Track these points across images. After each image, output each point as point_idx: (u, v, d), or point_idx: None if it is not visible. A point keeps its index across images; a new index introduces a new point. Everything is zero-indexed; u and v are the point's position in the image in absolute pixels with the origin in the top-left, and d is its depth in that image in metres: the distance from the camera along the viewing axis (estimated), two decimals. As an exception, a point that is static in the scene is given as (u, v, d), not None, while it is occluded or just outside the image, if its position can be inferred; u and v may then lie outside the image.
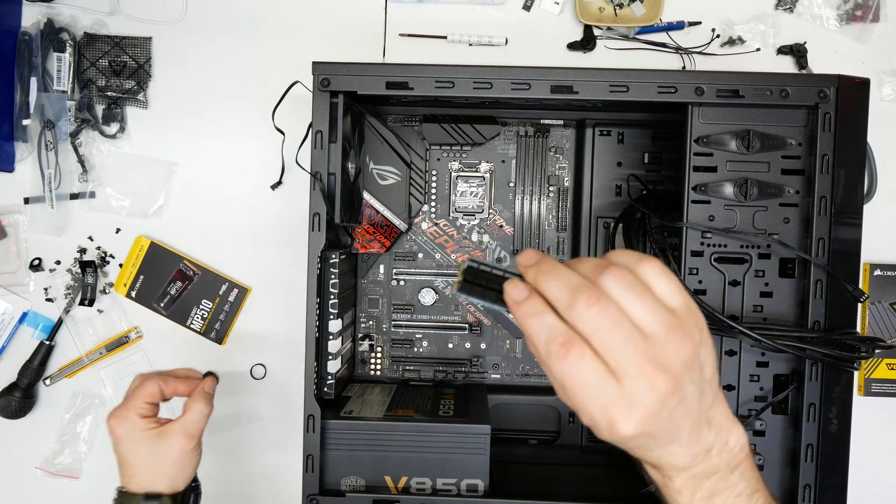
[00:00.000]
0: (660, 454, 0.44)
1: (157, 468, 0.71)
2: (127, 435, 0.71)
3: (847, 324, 0.71)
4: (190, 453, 0.72)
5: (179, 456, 0.71)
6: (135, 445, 0.71)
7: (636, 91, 0.72)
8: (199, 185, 0.93)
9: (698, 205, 0.73)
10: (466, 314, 0.90)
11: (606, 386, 0.40)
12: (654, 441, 0.42)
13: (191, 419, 0.72)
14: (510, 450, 0.87)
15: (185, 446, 0.71)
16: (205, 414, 0.73)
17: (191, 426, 0.72)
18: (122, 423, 0.71)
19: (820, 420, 0.71)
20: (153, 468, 0.71)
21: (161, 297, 0.92)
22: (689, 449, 0.44)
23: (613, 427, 0.40)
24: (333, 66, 0.72)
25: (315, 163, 0.73)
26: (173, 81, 0.93)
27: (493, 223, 0.89)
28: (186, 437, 0.71)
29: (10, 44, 0.91)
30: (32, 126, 0.91)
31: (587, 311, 0.40)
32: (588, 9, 0.90)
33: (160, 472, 0.71)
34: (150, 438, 0.71)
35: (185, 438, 0.71)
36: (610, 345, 0.39)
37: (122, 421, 0.71)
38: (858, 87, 0.71)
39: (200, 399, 0.73)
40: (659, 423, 0.41)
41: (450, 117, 0.87)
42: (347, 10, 0.92)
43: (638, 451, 0.44)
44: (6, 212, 0.92)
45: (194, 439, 0.72)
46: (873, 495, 0.91)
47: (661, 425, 0.41)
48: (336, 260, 0.75)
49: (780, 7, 0.91)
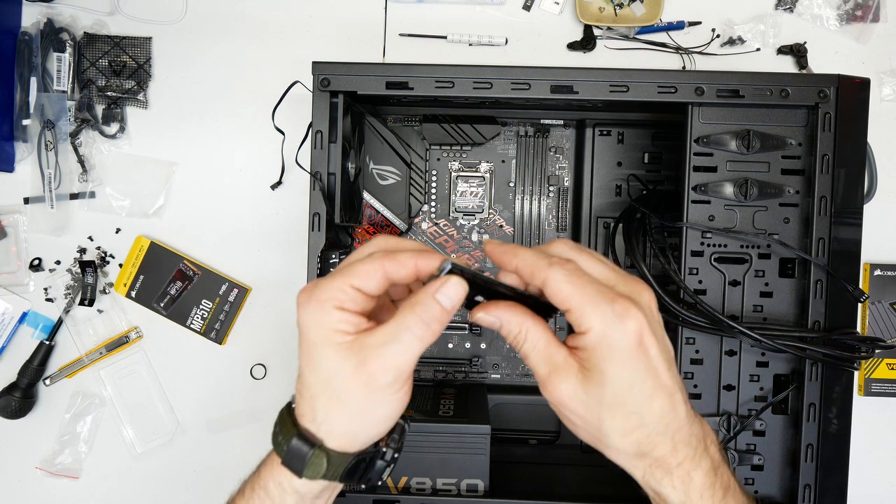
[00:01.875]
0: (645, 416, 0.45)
1: (329, 396, 0.45)
2: (313, 328, 0.44)
3: (847, 324, 0.71)
4: (383, 394, 0.45)
5: (365, 388, 0.44)
6: (316, 352, 0.45)
7: (636, 91, 0.72)
8: (199, 185, 0.93)
9: (698, 205, 0.73)
10: (466, 314, 0.90)
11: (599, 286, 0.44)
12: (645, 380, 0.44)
13: (393, 342, 0.43)
14: (510, 450, 0.87)
15: (376, 378, 0.44)
16: (417, 336, 0.44)
17: (392, 354, 0.44)
18: (310, 306, 0.44)
19: (820, 420, 0.71)
20: (324, 395, 0.45)
21: (161, 297, 0.92)
22: (670, 420, 0.46)
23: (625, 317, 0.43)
24: (333, 66, 0.72)
25: (315, 163, 0.73)
26: (173, 81, 0.93)
27: (493, 223, 0.89)
28: (384, 368, 0.43)
29: (10, 44, 0.91)
30: (32, 126, 0.91)
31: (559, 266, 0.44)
32: (588, 9, 0.90)
33: (332, 403, 0.45)
34: (336, 347, 0.44)
35: (382, 369, 0.43)
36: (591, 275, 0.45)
37: (312, 304, 0.44)
38: (858, 87, 0.71)
39: (416, 309, 0.44)
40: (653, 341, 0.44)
41: (450, 117, 0.87)
42: (347, 10, 0.92)
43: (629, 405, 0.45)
44: (6, 212, 0.92)
45: (395, 377, 0.44)
46: (873, 495, 0.91)
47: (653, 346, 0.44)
48: (336, 260, 0.75)
49: (780, 7, 0.91)
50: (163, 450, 0.93)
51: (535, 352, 0.46)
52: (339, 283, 0.44)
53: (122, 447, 0.93)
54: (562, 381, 0.45)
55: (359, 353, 0.43)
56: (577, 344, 0.45)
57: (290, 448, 0.46)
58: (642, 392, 0.44)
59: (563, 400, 0.45)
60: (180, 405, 0.93)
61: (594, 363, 0.44)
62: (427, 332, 0.44)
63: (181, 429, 0.93)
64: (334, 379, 0.44)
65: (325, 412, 0.45)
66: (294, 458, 0.46)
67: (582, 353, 0.45)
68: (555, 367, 0.45)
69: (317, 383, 0.45)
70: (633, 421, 0.45)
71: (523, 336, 0.46)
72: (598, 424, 0.45)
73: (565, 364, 0.45)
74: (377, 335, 0.44)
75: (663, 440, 0.46)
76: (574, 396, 0.45)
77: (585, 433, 0.46)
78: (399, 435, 0.49)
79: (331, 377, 0.44)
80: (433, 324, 0.44)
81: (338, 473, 0.46)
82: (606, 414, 0.44)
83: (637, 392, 0.44)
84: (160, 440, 0.93)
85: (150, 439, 0.93)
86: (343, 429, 0.46)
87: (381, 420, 0.46)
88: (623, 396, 0.44)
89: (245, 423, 0.93)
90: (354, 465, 0.47)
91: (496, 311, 0.46)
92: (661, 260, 0.74)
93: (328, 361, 0.44)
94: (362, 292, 0.45)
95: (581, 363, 0.45)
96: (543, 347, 0.45)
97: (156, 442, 0.93)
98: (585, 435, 0.47)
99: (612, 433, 0.45)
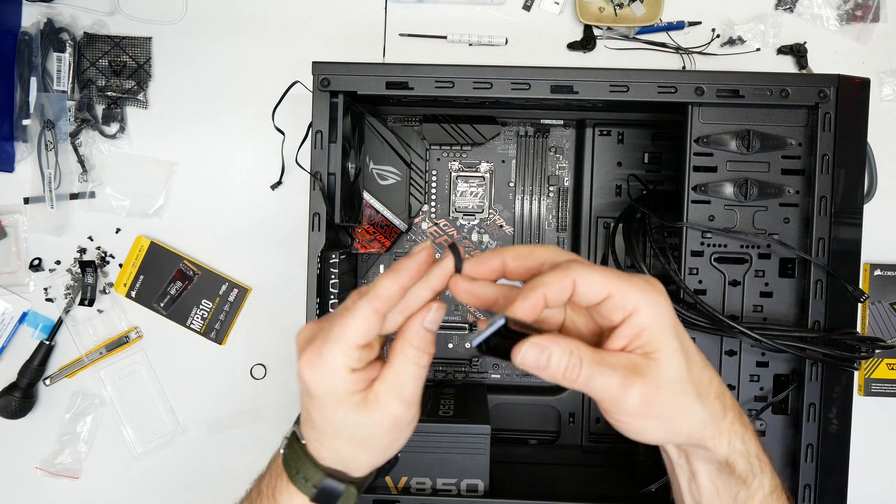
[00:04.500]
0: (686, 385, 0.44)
1: (356, 443, 0.47)
2: (326, 395, 0.46)
3: (847, 324, 0.71)
4: (405, 425, 0.47)
5: (391, 429, 0.47)
6: (333, 412, 0.46)
7: (636, 91, 0.72)
8: (199, 185, 0.93)
9: (698, 205, 0.73)
10: (466, 314, 0.90)
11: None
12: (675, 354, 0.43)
13: (402, 379, 0.46)
14: (510, 450, 0.87)
15: (399, 417, 0.46)
16: (420, 365, 0.46)
17: (405, 389, 0.46)
18: (321, 377, 0.45)
19: (820, 420, 0.71)
20: (351, 443, 0.47)
21: (161, 297, 0.92)
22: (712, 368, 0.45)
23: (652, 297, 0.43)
24: (333, 66, 0.72)
25: (315, 163, 0.73)
26: (173, 81, 0.93)
27: (493, 223, 0.89)
28: (403, 404, 0.46)
29: (10, 44, 0.91)
30: (32, 126, 0.91)
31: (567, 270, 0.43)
32: (588, 9, 0.90)
33: (359, 448, 0.48)
34: (355, 406, 0.46)
35: (402, 406, 0.46)
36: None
37: (322, 375, 0.45)
38: (858, 87, 0.71)
39: (412, 342, 0.46)
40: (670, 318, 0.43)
41: (450, 117, 0.87)
42: (347, 10, 0.92)
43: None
44: (6, 212, 0.92)
45: (413, 406, 0.47)
46: (873, 495, 0.91)
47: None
48: (336, 260, 0.75)
49: (780, 7, 0.91)
50: (163, 450, 0.93)
51: (598, 367, 0.42)
52: (343, 347, 0.45)
53: (122, 447, 0.93)
54: (644, 377, 0.42)
55: (376, 408, 0.46)
56: (625, 334, 0.43)
57: (323, 487, 0.48)
58: (694, 347, 0.45)
59: (651, 395, 0.42)
60: (180, 405, 0.93)
61: (656, 339, 0.42)
62: (425, 357, 0.46)
63: (181, 429, 0.93)
64: (359, 430, 0.46)
65: (353, 454, 0.48)
66: (328, 496, 0.48)
67: (637, 340, 0.43)
68: (627, 370, 0.42)
69: (338, 435, 0.47)
70: (707, 374, 0.45)
71: (577, 356, 0.42)
72: (683, 402, 0.43)
73: (632, 361, 0.42)
74: (386, 382, 0.46)
75: (725, 388, 0.46)
76: (662, 383, 0.42)
77: (661, 427, 0.44)
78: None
79: (356, 430, 0.46)
80: (429, 347, 0.46)
81: (361, 493, 0.50)
82: (689, 384, 0.43)
83: (693, 349, 0.44)
84: (160, 440, 0.93)
85: (150, 439, 0.93)
86: (370, 462, 0.49)
87: (399, 446, 0.49)
88: (692, 357, 0.44)
89: (245, 423, 0.93)
90: (369, 486, 0.51)
91: (544, 340, 0.42)
92: (661, 260, 0.74)
93: (350, 419, 0.46)
94: (366, 346, 0.46)
95: (642, 351, 0.43)
96: (602, 358, 0.42)
97: (156, 442, 0.93)
98: (661, 428, 0.44)
99: (699, 399, 0.44)
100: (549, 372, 0.42)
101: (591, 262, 0.47)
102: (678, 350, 0.43)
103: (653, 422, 0.43)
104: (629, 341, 0.43)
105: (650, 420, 0.43)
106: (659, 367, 0.42)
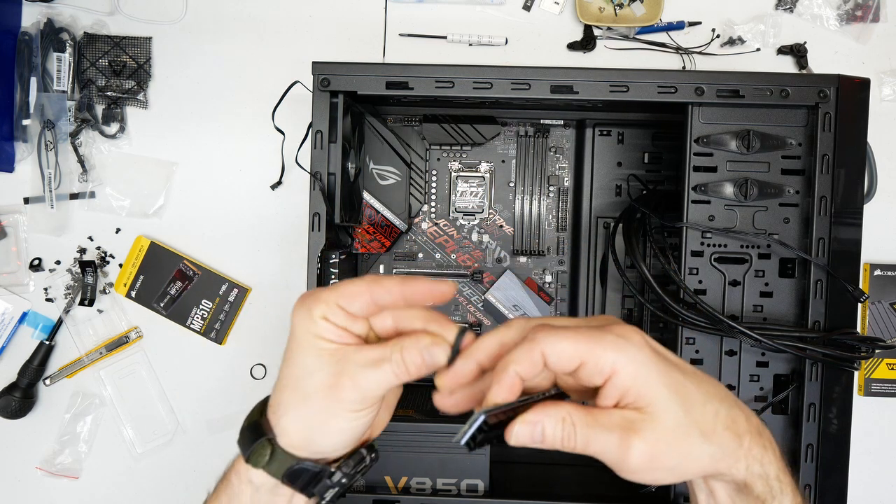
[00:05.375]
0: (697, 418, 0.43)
1: (295, 391, 0.46)
2: (301, 329, 0.46)
3: (847, 324, 0.71)
4: (343, 410, 0.45)
5: (326, 398, 0.45)
6: (299, 347, 0.46)
7: (636, 91, 0.72)
8: (199, 185, 0.93)
9: (698, 205, 0.73)
10: (466, 314, 0.90)
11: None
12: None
13: (372, 376, 0.45)
14: (510, 450, 0.87)
15: (339, 393, 0.45)
16: (389, 382, 0.45)
17: (365, 381, 0.45)
18: (302, 312, 0.46)
19: (820, 420, 0.71)
20: (292, 390, 0.46)
21: (161, 297, 0.92)
22: (723, 392, 0.44)
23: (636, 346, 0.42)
24: (333, 66, 0.72)
25: (315, 163, 0.73)
26: (173, 81, 0.93)
27: (493, 223, 0.89)
28: (352, 386, 0.45)
29: (10, 44, 0.91)
30: (32, 126, 0.91)
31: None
32: (588, 9, 0.90)
33: (296, 400, 0.46)
34: (318, 352, 0.45)
35: (350, 387, 0.45)
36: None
37: (303, 310, 0.46)
38: (858, 87, 0.71)
39: (404, 355, 0.45)
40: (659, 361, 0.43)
41: (450, 117, 0.87)
42: (347, 10, 0.92)
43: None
44: (6, 212, 0.92)
45: (364, 401, 0.45)
46: (873, 495, 0.91)
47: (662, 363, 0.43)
48: (336, 260, 0.75)
49: (780, 7, 0.91)
50: (163, 450, 0.93)
51: (594, 430, 0.41)
52: (328, 295, 0.46)
53: (122, 447, 0.93)
54: (640, 433, 0.41)
55: (337, 364, 0.45)
56: (611, 395, 0.42)
57: (242, 430, 0.48)
58: (692, 383, 0.43)
59: (652, 451, 0.41)
60: (180, 405, 0.93)
61: (645, 395, 0.42)
62: (404, 374, 0.45)
63: (181, 429, 0.93)
64: (306, 379, 0.46)
65: (286, 406, 0.47)
66: (244, 441, 0.48)
67: (625, 398, 0.42)
68: (623, 428, 0.41)
69: (289, 378, 0.47)
70: (711, 407, 0.43)
71: (570, 423, 0.41)
72: (687, 447, 0.42)
73: (626, 418, 0.42)
74: (362, 354, 0.45)
75: (737, 412, 0.45)
76: (661, 436, 0.42)
77: (672, 473, 0.43)
78: (356, 463, 0.49)
79: (303, 376, 0.46)
80: (412, 368, 0.45)
81: (279, 471, 0.47)
82: (690, 427, 0.42)
83: (690, 386, 0.43)
84: (160, 440, 0.93)
85: (150, 439, 0.93)
86: (297, 426, 0.47)
87: (335, 433, 0.47)
88: (690, 396, 0.43)
89: (245, 423, 0.93)
90: (297, 470, 0.47)
91: (532, 415, 0.41)
92: (661, 260, 0.74)
93: (306, 361, 0.46)
94: (346, 311, 0.46)
95: (634, 406, 0.42)
96: (595, 420, 0.41)
97: (156, 442, 0.93)
98: (672, 474, 0.43)
99: (705, 438, 0.43)
100: (548, 443, 0.41)
101: (562, 317, 0.46)
102: (670, 398, 0.42)
103: (661, 472, 0.43)
104: (618, 399, 0.42)
105: (658, 472, 0.43)
106: (654, 420, 0.42)
